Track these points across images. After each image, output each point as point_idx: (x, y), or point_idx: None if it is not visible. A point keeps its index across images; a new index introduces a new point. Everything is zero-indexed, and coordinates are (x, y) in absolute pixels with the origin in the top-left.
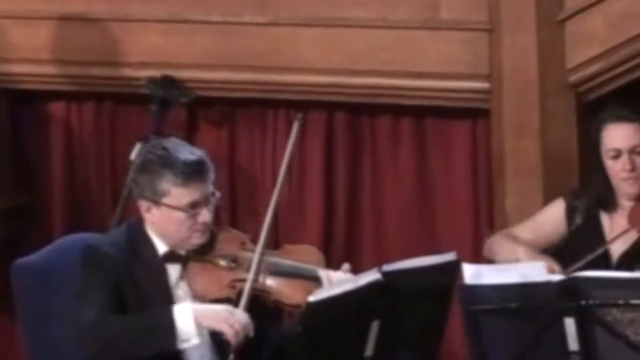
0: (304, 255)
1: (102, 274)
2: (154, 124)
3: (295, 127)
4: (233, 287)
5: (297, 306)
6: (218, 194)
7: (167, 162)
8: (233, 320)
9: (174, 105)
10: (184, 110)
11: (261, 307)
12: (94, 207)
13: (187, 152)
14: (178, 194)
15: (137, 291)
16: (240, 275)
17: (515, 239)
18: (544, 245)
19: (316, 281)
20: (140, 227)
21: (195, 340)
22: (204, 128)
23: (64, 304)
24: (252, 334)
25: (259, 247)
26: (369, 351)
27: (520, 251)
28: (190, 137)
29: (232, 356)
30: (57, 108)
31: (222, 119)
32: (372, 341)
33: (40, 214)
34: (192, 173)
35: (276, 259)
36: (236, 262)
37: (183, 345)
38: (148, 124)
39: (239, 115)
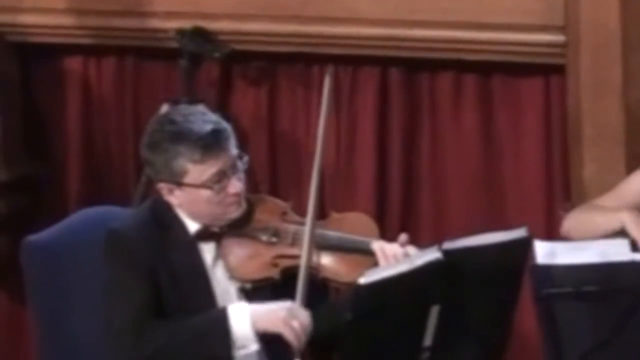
0: (354, 225)
1: (133, 263)
2: (183, 83)
3: (327, 83)
4: (275, 265)
5: (349, 284)
6: (246, 158)
7: (179, 137)
8: (294, 322)
9: (206, 60)
10: (217, 66)
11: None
12: (114, 176)
13: (200, 122)
14: (198, 171)
15: (171, 277)
16: (283, 250)
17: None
18: None
19: (369, 254)
20: (167, 204)
21: (253, 347)
22: (240, 87)
23: (81, 287)
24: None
25: (309, 219)
26: (428, 340)
27: (625, 216)
28: (224, 98)
29: None
30: (73, 64)
31: (261, 76)
32: (431, 329)
33: (54, 184)
34: (209, 145)
35: (324, 231)
36: (277, 236)
37: (239, 353)
38: (176, 82)
39: (279, 72)
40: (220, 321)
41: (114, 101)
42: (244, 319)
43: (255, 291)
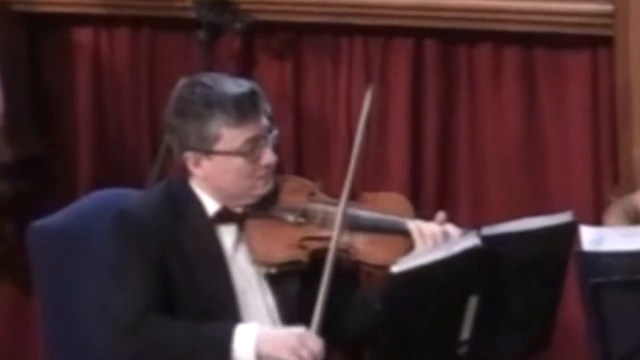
0: (388, 205)
1: (141, 247)
2: (201, 56)
3: (368, 100)
4: (303, 247)
5: (383, 267)
6: (275, 131)
7: (213, 100)
8: (303, 351)
9: (226, 32)
10: (238, 38)
11: (340, 271)
12: (128, 156)
13: (232, 84)
14: (232, 136)
15: (185, 264)
16: (312, 231)
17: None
18: None
19: (404, 235)
20: (183, 185)
21: None
22: (263, 60)
23: (92, 276)
24: None
25: (343, 197)
26: (465, 333)
27: None
28: (246, 72)
29: None
30: (83, 36)
31: (285, 48)
32: (469, 321)
33: (63, 165)
34: (246, 107)
35: (356, 211)
36: (306, 216)
37: None
38: (194, 55)
39: (305, 44)
40: (224, 339)
41: (127, 76)
42: (249, 341)
43: (281, 277)
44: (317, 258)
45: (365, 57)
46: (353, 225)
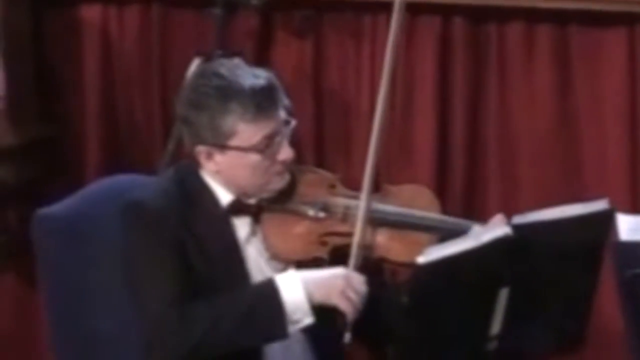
0: (413, 199)
1: (161, 237)
2: (216, 34)
3: (396, 14)
4: (324, 243)
5: (407, 264)
6: (293, 122)
7: (229, 93)
8: (350, 292)
9: (243, 8)
10: (256, 15)
11: (362, 269)
12: (138, 140)
13: (250, 75)
14: (249, 131)
15: (201, 254)
16: (333, 226)
17: None
18: None
19: (430, 231)
20: (194, 174)
21: (307, 320)
22: (282, 38)
23: (99, 266)
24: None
25: (365, 189)
26: (496, 327)
27: None
28: (263, 51)
29: (348, 335)
30: (91, 13)
31: (305, 26)
32: (500, 314)
33: (70, 150)
34: (263, 102)
35: (379, 205)
36: (327, 211)
37: (294, 329)
38: (209, 33)
39: (326, 21)
40: (271, 293)
41: (137, 56)
42: (297, 289)
43: None
44: (338, 255)
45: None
46: (376, 220)
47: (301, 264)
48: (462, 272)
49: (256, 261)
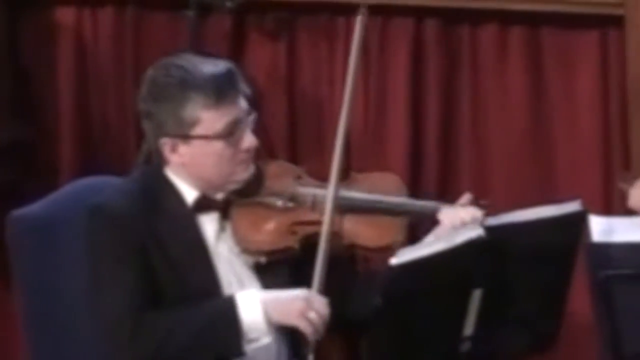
0: (379, 183)
1: (121, 242)
2: (190, 36)
3: (359, 23)
4: (294, 233)
5: (378, 249)
6: (254, 114)
7: (189, 81)
8: (311, 313)
9: (216, 10)
10: (230, 17)
11: (333, 260)
12: (112, 142)
13: (209, 64)
14: (211, 119)
15: (166, 257)
16: (303, 215)
17: None
18: None
19: (400, 215)
20: (158, 173)
21: (265, 340)
22: (256, 40)
23: (74, 268)
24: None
25: (333, 177)
26: (469, 328)
27: None
28: (237, 53)
29: (311, 357)
30: (66, 15)
31: (279, 28)
32: (473, 316)
33: (45, 152)
34: (224, 88)
35: (348, 192)
36: (295, 201)
37: (250, 347)
38: (182, 36)
39: (300, 23)
40: (229, 311)
41: (112, 58)
42: (255, 308)
43: (270, 267)
44: (309, 244)
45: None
46: (344, 206)
47: (272, 255)
48: (435, 274)
49: (227, 258)
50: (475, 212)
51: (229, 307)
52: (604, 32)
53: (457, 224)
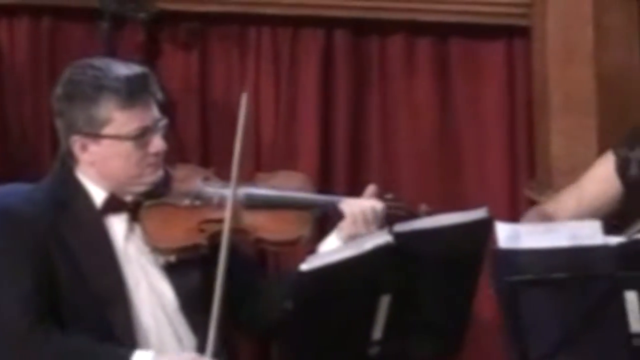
0: (283, 180)
1: (22, 245)
2: (104, 47)
3: (243, 105)
4: (202, 230)
5: (285, 243)
6: (165, 120)
7: (103, 81)
8: None
9: (130, 22)
10: (143, 28)
11: (240, 261)
12: (28, 150)
13: (124, 67)
14: (122, 119)
15: (69, 258)
16: (209, 214)
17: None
18: (590, 214)
19: (307, 210)
20: (69, 175)
21: None
22: (168, 51)
23: None
24: None
25: (233, 176)
26: (377, 333)
27: None
28: (151, 63)
29: None
30: None
31: (191, 39)
32: (381, 320)
33: None
34: (136, 90)
35: (253, 189)
36: (201, 199)
37: None
38: (98, 46)
39: (212, 34)
40: None
41: (28, 68)
42: None
43: (180, 267)
44: (218, 242)
45: (273, 47)
46: (251, 203)
47: (182, 253)
48: (344, 279)
49: (137, 258)
50: (375, 203)
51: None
52: (510, 42)
53: (357, 213)
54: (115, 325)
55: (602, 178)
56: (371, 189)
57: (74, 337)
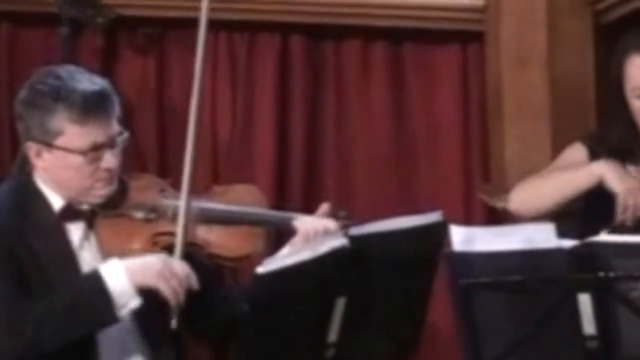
0: (239, 195)
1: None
2: (63, 52)
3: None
4: (155, 244)
5: (237, 259)
6: (125, 134)
7: (61, 93)
8: (169, 274)
9: (89, 27)
10: (101, 33)
11: (197, 265)
12: None
13: (86, 81)
14: (74, 133)
15: (36, 264)
16: (163, 227)
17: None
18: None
19: (258, 225)
20: (29, 181)
21: (134, 302)
22: (126, 55)
23: None
24: (196, 286)
25: (184, 188)
26: (333, 335)
27: (600, 168)
28: (109, 68)
29: (174, 321)
30: None
31: (149, 44)
32: (337, 323)
33: None
34: (92, 107)
35: (208, 204)
36: (155, 212)
37: (122, 312)
38: (56, 51)
39: (169, 39)
40: (96, 283)
41: None
42: (120, 275)
43: None
44: (171, 254)
45: (230, 52)
46: (206, 218)
47: None
48: (299, 282)
49: (90, 265)
50: (328, 224)
51: (95, 280)
52: (464, 47)
53: (311, 233)
54: None
55: (575, 162)
56: (324, 207)
57: (40, 300)
